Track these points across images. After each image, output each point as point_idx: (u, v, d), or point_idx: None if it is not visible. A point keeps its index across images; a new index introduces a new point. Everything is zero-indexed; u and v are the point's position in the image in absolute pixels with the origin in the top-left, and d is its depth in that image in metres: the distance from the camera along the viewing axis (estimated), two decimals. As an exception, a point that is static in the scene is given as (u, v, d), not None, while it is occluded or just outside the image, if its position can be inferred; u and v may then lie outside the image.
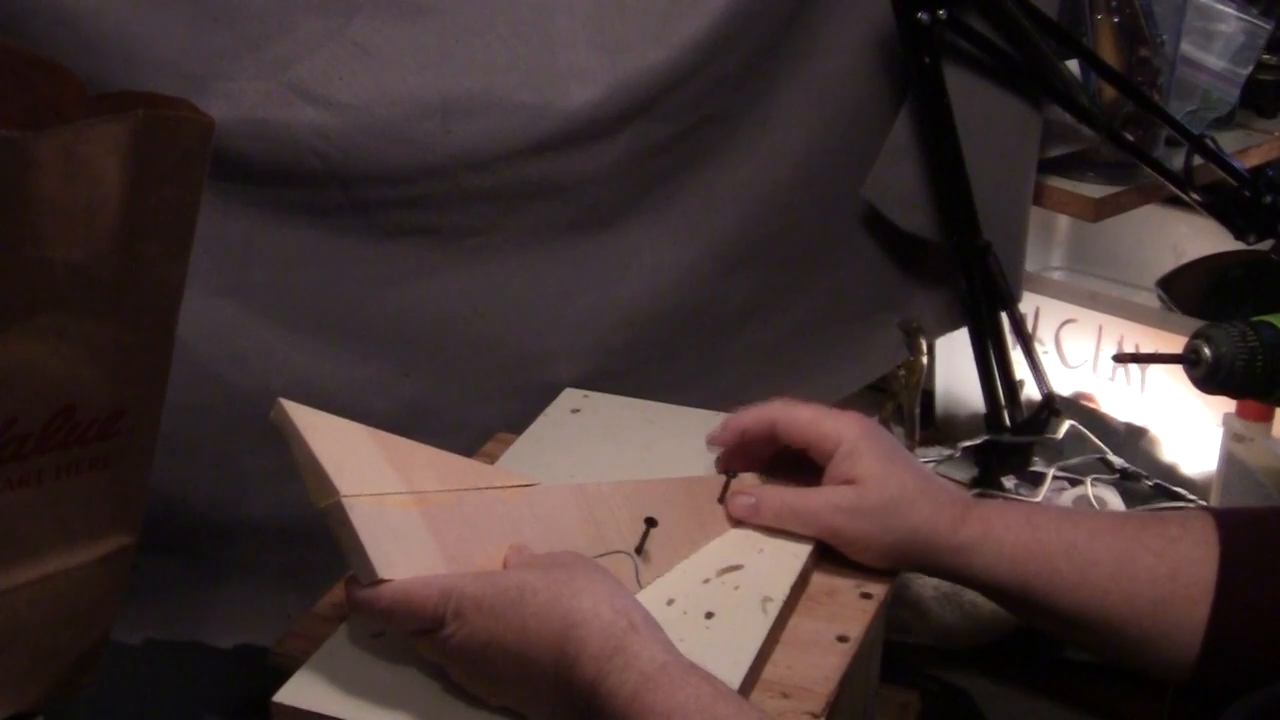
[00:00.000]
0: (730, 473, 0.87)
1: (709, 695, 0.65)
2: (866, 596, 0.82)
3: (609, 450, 0.94)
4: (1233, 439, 1.13)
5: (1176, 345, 0.97)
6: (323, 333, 1.02)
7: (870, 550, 0.83)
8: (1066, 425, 1.21)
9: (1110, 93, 1.22)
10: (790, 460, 0.88)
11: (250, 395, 0.97)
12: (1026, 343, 1.20)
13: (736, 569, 0.82)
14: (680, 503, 0.85)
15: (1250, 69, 1.33)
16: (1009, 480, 1.19)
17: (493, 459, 0.94)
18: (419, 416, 1.04)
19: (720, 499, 0.86)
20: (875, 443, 0.83)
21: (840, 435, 0.83)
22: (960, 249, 1.17)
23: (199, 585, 1.04)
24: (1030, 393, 1.20)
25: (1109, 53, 1.22)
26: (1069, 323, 1.33)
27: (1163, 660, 0.80)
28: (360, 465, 0.73)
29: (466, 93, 0.99)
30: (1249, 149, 1.38)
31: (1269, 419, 1.12)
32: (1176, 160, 1.22)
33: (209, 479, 1.00)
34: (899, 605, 1.05)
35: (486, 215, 1.04)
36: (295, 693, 0.72)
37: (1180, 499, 1.21)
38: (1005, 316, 1.18)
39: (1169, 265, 1.49)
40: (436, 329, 1.06)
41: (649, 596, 0.79)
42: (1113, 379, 1.31)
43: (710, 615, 0.78)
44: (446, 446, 0.81)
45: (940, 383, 1.38)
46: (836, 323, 1.26)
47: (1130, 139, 1.18)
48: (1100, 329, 1.31)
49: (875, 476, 0.82)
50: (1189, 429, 1.24)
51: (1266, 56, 1.39)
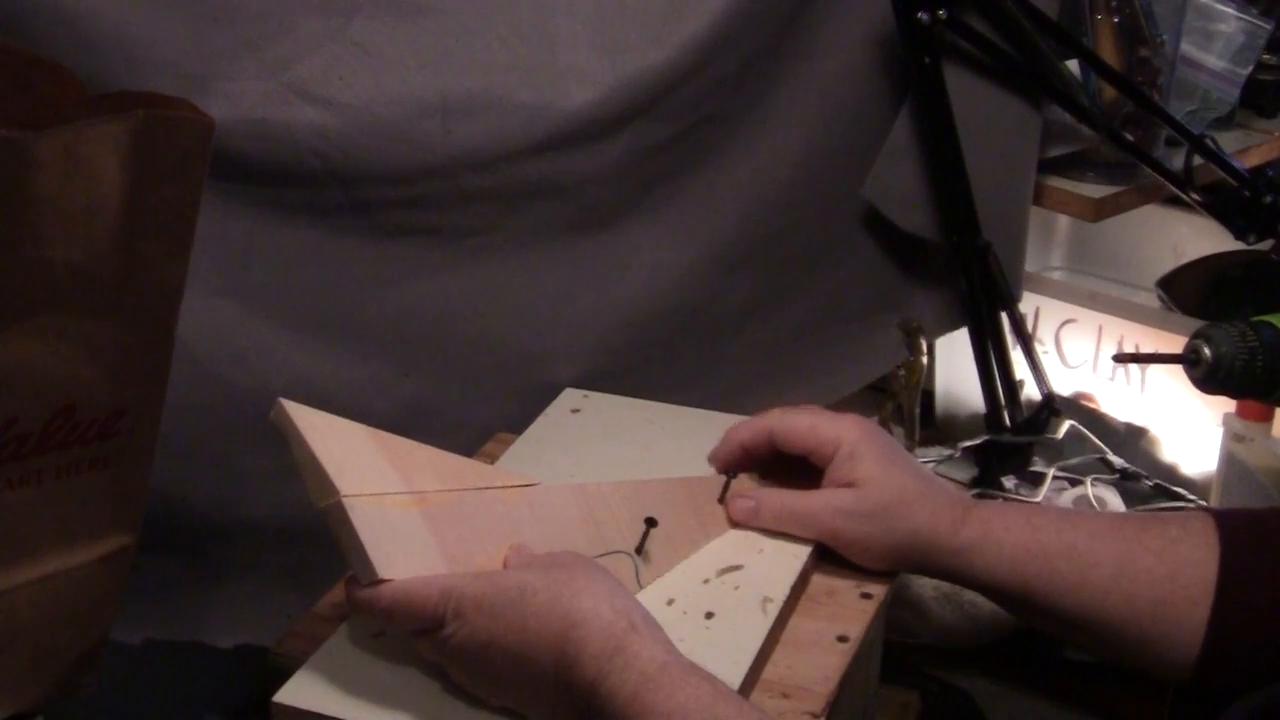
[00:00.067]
0: (730, 473, 0.87)
1: (709, 695, 0.65)
2: (866, 597, 0.82)
3: (609, 450, 0.94)
4: (1233, 439, 1.13)
5: (1176, 345, 0.97)
6: (323, 333, 1.02)
7: (870, 552, 0.83)
8: (1066, 425, 1.21)
9: (1110, 93, 1.22)
10: (790, 461, 0.87)
11: (250, 395, 0.97)
12: (1026, 343, 1.20)
13: (736, 569, 0.82)
14: (680, 503, 0.84)
15: (1250, 69, 1.33)
16: (1009, 480, 1.19)
17: (493, 459, 0.94)
18: (419, 416, 1.04)
19: (720, 499, 0.86)
20: (875, 445, 0.83)
21: (839, 438, 0.83)
22: (960, 249, 1.17)
23: (199, 585, 1.04)
24: (1030, 393, 1.20)
25: (1109, 53, 1.22)
26: (1069, 323, 1.33)
27: (1163, 661, 0.80)
28: (360, 465, 0.73)
29: (466, 92, 0.99)
30: (1249, 149, 1.38)
31: (1269, 419, 1.12)
32: (1176, 160, 1.22)
33: (209, 479, 1.00)
34: (899, 605, 1.05)
35: (486, 215, 1.04)
36: (295, 693, 0.72)
37: (1180, 499, 1.20)
38: (1005, 316, 1.18)
39: (1169, 265, 1.49)
40: (436, 329, 1.06)
41: (649, 596, 0.79)
42: (1113, 379, 1.31)
43: (710, 615, 0.78)
44: (446, 446, 0.81)
45: (940, 383, 1.38)
46: (836, 323, 1.26)
47: (1130, 139, 1.18)
48: (1100, 329, 1.31)
49: (875, 479, 0.82)
50: (1189, 429, 1.24)
51: (1266, 56, 1.39)
